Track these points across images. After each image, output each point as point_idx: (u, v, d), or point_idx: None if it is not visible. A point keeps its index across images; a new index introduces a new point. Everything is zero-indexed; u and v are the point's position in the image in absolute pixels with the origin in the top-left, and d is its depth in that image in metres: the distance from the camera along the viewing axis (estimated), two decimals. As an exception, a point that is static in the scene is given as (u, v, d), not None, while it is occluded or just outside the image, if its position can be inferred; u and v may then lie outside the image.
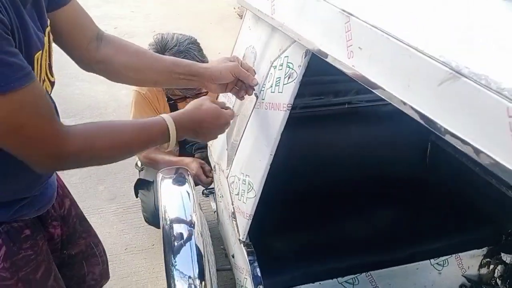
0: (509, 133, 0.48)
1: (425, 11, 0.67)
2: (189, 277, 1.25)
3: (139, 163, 2.18)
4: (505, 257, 1.53)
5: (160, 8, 5.70)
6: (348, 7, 0.78)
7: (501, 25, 0.57)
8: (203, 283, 1.23)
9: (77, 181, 2.62)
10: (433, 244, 1.55)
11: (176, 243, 1.30)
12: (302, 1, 0.93)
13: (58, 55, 0.99)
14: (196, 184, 1.99)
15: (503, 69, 0.51)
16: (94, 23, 1.02)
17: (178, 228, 1.33)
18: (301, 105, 1.79)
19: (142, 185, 2.12)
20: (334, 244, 1.51)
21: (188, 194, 1.47)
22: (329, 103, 1.74)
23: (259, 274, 1.18)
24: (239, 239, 1.29)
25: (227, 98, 1.42)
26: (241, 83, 1.11)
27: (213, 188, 1.92)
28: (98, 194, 2.58)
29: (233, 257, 1.44)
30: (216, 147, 1.61)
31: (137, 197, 2.20)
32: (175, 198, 1.44)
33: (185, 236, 1.31)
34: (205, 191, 2.21)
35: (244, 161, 1.27)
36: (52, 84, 0.90)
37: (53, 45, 0.92)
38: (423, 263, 1.54)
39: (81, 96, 3.67)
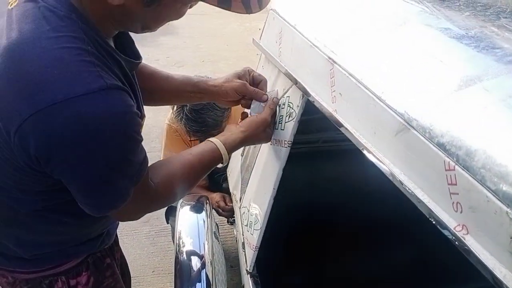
0: (447, 187, 0.49)
1: (399, 60, 0.70)
2: (198, 304, 1.29)
3: None
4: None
5: (210, 39, 5.98)
6: (334, 55, 0.82)
7: (463, 80, 0.58)
8: (210, 311, 1.27)
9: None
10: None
11: (186, 271, 1.35)
12: (300, 47, 0.98)
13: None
14: (219, 214, 2.06)
15: (449, 122, 0.52)
16: None
17: (190, 256, 1.38)
18: (324, 139, 1.81)
19: (172, 212, 2.21)
20: (341, 282, 1.48)
21: (204, 222, 1.53)
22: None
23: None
24: (247, 270, 1.32)
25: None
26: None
27: (237, 216, 1.97)
28: (133, 216, 2.70)
29: (243, 287, 1.46)
30: (233, 177, 1.66)
31: (168, 223, 2.29)
32: (190, 225, 1.50)
33: (195, 264, 1.36)
34: (230, 219, 2.26)
35: (252, 193, 1.32)
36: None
37: None
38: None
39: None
